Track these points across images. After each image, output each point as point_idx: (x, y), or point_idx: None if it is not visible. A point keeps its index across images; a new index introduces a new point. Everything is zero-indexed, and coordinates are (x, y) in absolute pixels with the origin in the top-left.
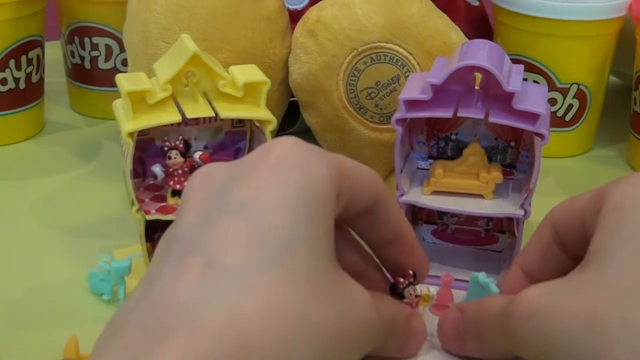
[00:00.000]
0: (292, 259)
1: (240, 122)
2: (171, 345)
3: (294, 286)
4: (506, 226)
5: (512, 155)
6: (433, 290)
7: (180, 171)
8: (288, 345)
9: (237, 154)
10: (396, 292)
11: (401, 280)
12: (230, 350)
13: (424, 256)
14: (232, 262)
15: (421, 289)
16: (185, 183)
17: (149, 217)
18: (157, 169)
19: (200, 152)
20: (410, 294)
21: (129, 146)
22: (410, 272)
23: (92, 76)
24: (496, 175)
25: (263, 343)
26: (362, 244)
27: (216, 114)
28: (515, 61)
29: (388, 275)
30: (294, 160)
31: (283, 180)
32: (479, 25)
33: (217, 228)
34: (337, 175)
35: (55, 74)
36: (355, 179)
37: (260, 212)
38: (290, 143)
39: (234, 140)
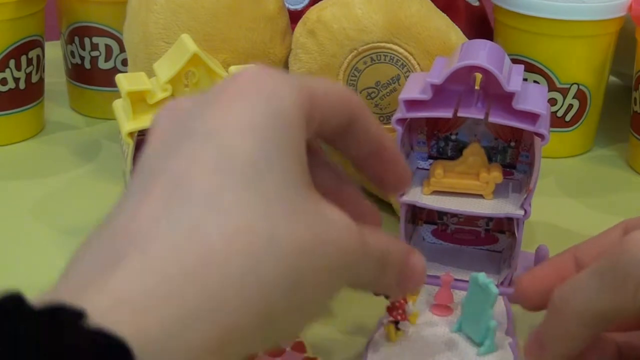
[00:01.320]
0: (262, 183)
1: None
2: (127, 265)
3: (263, 206)
4: (506, 226)
5: (512, 155)
6: None
7: None
8: (253, 263)
9: None
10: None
11: None
12: (190, 266)
13: (407, 166)
14: (199, 187)
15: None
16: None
17: None
18: None
19: None
20: None
21: (129, 146)
22: None
23: (92, 76)
24: (496, 175)
25: (225, 260)
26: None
27: None
28: (515, 61)
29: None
30: (260, 86)
31: (250, 106)
32: (479, 25)
33: (183, 155)
34: (306, 99)
35: (55, 74)
36: (326, 101)
37: (228, 138)
38: (255, 71)
39: None
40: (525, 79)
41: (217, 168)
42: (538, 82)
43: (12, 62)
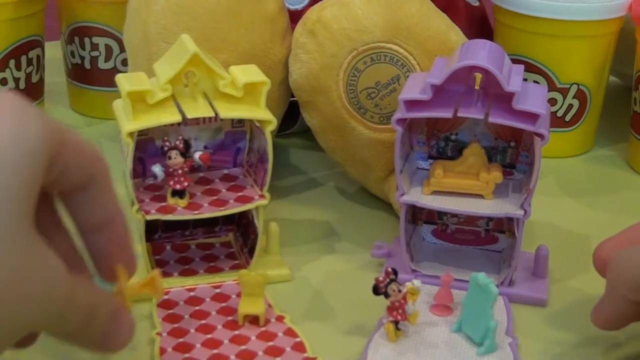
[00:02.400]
0: None
1: (240, 122)
2: None
3: None
4: (506, 226)
5: (512, 155)
6: (417, 283)
7: (180, 171)
8: None
9: (237, 153)
10: (378, 292)
11: (380, 279)
12: None
13: (132, 249)
14: None
15: (405, 283)
16: None
17: (149, 217)
18: (157, 169)
19: (200, 152)
20: (394, 291)
21: (129, 146)
22: (389, 269)
23: (92, 76)
24: (496, 175)
25: None
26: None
27: (216, 114)
28: (515, 61)
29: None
30: (12, 113)
31: None
32: (479, 25)
33: None
34: (57, 140)
35: (55, 74)
36: (74, 151)
37: None
38: (11, 96)
39: (234, 140)
40: (525, 79)
41: None
42: (538, 82)
43: (12, 62)
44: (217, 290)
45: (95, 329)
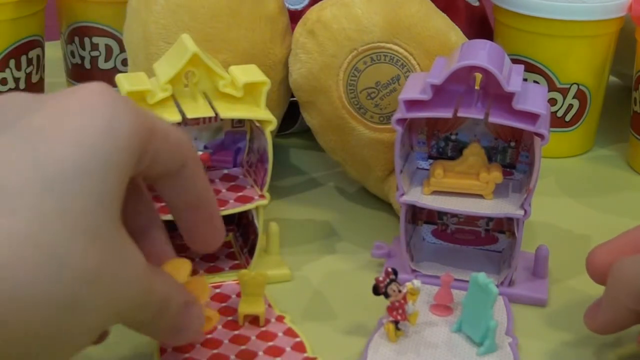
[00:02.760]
0: (66, 194)
1: (240, 122)
2: None
3: (62, 223)
4: (506, 226)
5: (512, 155)
6: (417, 283)
7: None
8: (31, 278)
9: (237, 154)
10: (378, 292)
11: (380, 279)
12: None
13: (222, 229)
14: (4, 181)
15: (405, 283)
16: None
17: None
18: None
19: (200, 152)
20: (394, 291)
21: None
22: (389, 269)
23: (92, 76)
24: (496, 175)
25: (4, 266)
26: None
27: (216, 114)
28: (515, 61)
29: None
30: (103, 103)
31: (85, 118)
32: (479, 25)
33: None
34: (147, 131)
35: (55, 74)
36: (164, 140)
37: (50, 141)
38: (103, 87)
39: (234, 140)
40: (525, 79)
41: (26, 166)
42: (538, 82)
43: (12, 62)
44: (217, 290)
45: (167, 320)
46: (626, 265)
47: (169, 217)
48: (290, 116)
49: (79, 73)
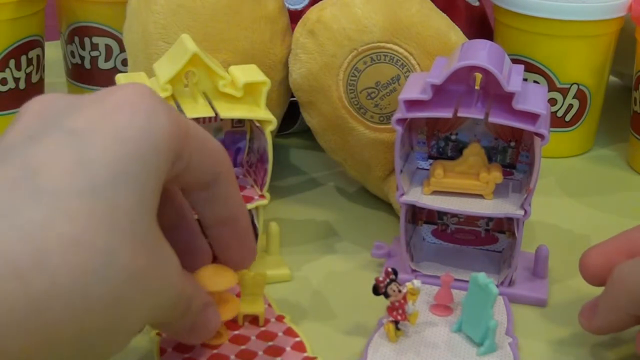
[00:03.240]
0: (113, 196)
1: (240, 122)
2: None
3: (109, 223)
4: (506, 226)
5: (512, 155)
6: (417, 283)
7: None
8: (83, 279)
9: (237, 154)
10: (378, 292)
11: (380, 279)
12: (21, 268)
13: (254, 246)
14: (48, 183)
15: (405, 283)
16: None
17: None
18: None
19: None
20: (394, 291)
21: None
22: (389, 269)
23: (92, 76)
24: (496, 175)
25: (57, 269)
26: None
27: (216, 114)
28: (515, 61)
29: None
30: (142, 104)
31: (125, 119)
32: (479, 25)
33: (42, 145)
34: (183, 135)
35: (55, 74)
36: (200, 148)
37: (93, 143)
38: (142, 88)
39: (234, 140)
40: (525, 79)
41: (73, 169)
42: (538, 82)
43: (12, 62)
44: None
45: (188, 319)
46: (627, 270)
47: None
48: (290, 116)
49: (79, 73)
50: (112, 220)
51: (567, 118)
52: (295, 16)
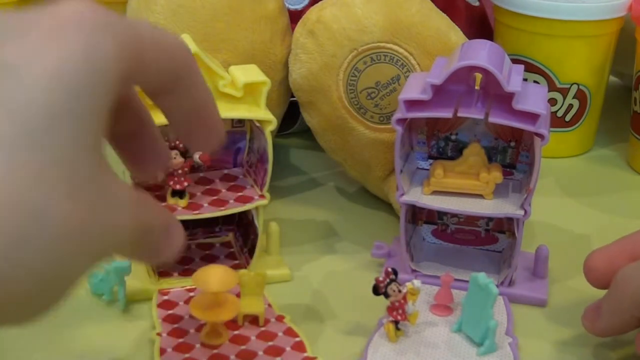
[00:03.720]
0: (49, 146)
1: (240, 122)
2: None
3: (40, 175)
4: (506, 226)
5: (512, 155)
6: (417, 283)
7: (180, 171)
8: (15, 241)
9: (237, 154)
10: (378, 292)
11: (380, 279)
12: None
13: (221, 125)
14: None
15: (405, 283)
16: None
17: None
18: None
19: (200, 152)
20: (394, 291)
21: None
22: (389, 269)
23: None
24: (496, 175)
25: None
26: None
27: None
28: (515, 61)
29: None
30: (81, 29)
31: (64, 51)
32: (479, 25)
33: None
34: (131, 56)
35: None
36: (154, 57)
37: (25, 79)
38: (81, 7)
39: (234, 140)
40: (525, 79)
41: (5, 112)
42: (538, 82)
43: None
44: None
45: (148, 241)
46: (630, 273)
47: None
48: (290, 116)
49: None
50: (42, 171)
51: (567, 118)
52: (295, 16)
